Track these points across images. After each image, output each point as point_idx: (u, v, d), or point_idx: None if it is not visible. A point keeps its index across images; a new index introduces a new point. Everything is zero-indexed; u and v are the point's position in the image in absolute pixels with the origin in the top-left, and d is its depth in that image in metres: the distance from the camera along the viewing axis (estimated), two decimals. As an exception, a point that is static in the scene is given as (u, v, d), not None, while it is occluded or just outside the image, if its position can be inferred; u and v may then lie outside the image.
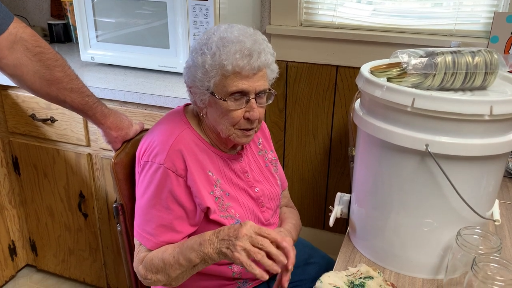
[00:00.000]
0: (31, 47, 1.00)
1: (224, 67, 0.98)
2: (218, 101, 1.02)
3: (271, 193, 1.21)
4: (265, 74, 1.04)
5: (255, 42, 1.00)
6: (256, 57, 0.99)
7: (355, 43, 1.81)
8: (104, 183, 1.77)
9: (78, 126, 1.71)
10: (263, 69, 1.03)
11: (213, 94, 1.02)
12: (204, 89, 1.03)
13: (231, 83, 1.00)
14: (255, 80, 1.01)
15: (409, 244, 0.99)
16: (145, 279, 1.05)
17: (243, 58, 0.98)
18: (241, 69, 0.98)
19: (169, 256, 1.00)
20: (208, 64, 1.00)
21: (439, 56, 0.92)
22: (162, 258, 1.01)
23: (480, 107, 0.84)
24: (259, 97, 1.04)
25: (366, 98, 1.00)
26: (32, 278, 2.12)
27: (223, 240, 0.94)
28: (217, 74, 1.00)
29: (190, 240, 1.00)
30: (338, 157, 2.01)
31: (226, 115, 1.03)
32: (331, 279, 0.94)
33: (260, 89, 1.03)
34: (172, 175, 1.03)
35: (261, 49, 1.00)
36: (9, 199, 1.95)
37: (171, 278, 1.01)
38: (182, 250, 0.99)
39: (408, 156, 0.91)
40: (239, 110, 1.02)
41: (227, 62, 0.98)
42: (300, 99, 1.98)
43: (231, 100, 1.01)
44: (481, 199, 0.95)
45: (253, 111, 1.02)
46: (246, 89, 1.01)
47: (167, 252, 1.01)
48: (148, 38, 1.74)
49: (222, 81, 1.00)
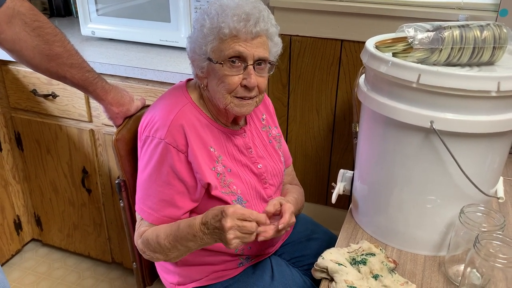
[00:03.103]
0: (29, 21, 0.98)
1: (222, 30, 0.98)
2: (215, 66, 1.01)
3: (274, 170, 1.20)
4: (265, 43, 1.02)
5: (254, 7, 1.00)
6: (254, 22, 0.98)
7: (360, 17, 1.77)
8: (107, 159, 1.77)
9: (80, 101, 1.70)
10: (263, 36, 1.01)
11: (210, 60, 1.01)
12: (202, 55, 1.02)
13: (228, 46, 0.99)
14: (253, 46, 1.00)
15: (411, 221, 0.99)
16: (144, 254, 1.08)
17: (240, 21, 0.97)
18: (238, 32, 0.98)
19: (164, 241, 1.01)
20: (207, 28, 1.00)
21: (446, 31, 0.90)
22: (158, 242, 1.02)
23: (487, 83, 0.83)
24: (258, 66, 1.02)
25: (371, 74, 0.98)
26: (38, 252, 2.15)
27: (214, 232, 0.95)
28: (215, 39, 1.00)
29: (182, 230, 1.00)
30: (341, 133, 2.00)
31: (223, 81, 1.01)
32: (333, 255, 0.94)
33: (259, 56, 1.01)
34: (173, 150, 1.02)
35: (259, 15, 0.99)
36: (13, 175, 1.96)
37: (170, 257, 1.04)
38: (177, 239, 1.00)
39: (412, 133, 0.90)
40: (236, 77, 1.01)
41: (224, 25, 0.97)
42: (303, 74, 1.95)
43: (228, 64, 1.00)
44: (485, 177, 0.94)
45: (250, 78, 1.00)
46: (243, 52, 0.99)
47: (161, 237, 1.02)
48: (149, 11, 1.71)
49: (219, 45, 1.00)
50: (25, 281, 1.99)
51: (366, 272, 0.91)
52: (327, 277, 0.93)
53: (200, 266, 1.15)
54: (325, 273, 0.93)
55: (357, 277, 0.90)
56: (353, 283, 0.88)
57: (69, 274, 2.03)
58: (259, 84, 1.03)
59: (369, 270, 0.92)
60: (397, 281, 0.91)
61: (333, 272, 0.90)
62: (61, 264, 2.09)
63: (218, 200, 1.07)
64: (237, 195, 1.09)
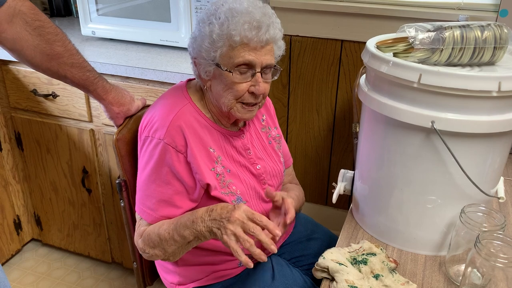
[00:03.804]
0: (30, 20, 0.98)
1: (232, 37, 0.97)
2: (223, 72, 1.00)
3: (274, 170, 1.20)
4: (272, 49, 1.03)
5: (265, 14, 0.99)
6: (265, 30, 0.97)
7: (360, 17, 1.77)
8: (107, 158, 1.77)
9: (80, 101, 1.70)
10: (271, 43, 1.01)
11: (218, 66, 1.01)
12: (210, 60, 1.01)
13: (238, 54, 0.98)
14: (262, 54, 1.00)
15: (412, 221, 0.99)
16: (144, 253, 1.07)
17: (252, 30, 0.96)
18: (249, 41, 0.97)
19: (165, 231, 1.01)
20: (216, 34, 0.98)
21: (447, 31, 0.90)
22: (158, 233, 1.02)
23: (488, 83, 0.83)
24: (264, 72, 1.03)
25: (372, 74, 0.98)
26: (37, 252, 2.15)
27: (215, 220, 0.93)
28: (224, 45, 0.99)
29: (184, 216, 1.01)
30: (341, 134, 2.00)
31: (231, 88, 1.01)
32: (334, 255, 0.94)
33: (266, 63, 1.01)
34: (172, 150, 1.02)
35: (270, 22, 0.99)
36: (13, 175, 1.96)
37: (168, 253, 1.03)
38: (176, 227, 1.00)
39: (413, 133, 0.90)
40: (244, 84, 1.01)
41: (235, 33, 0.96)
42: (304, 74, 1.95)
43: (237, 72, 1.00)
44: (486, 177, 0.94)
45: (259, 85, 1.01)
46: (253, 61, 0.99)
47: (163, 228, 1.02)
48: (150, 11, 1.71)
49: (228, 52, 0.99)
50: (24, 281, 1.99)
51: (367, 272, 0.92)
52: (328, 277, 0.93)
53: (201, 266, 1.15)
54: (326, 273, 0.93)
55: (358, 276, 0.90)
56: (354, 283, 0.88)
57: (69, 274, 2.03)
58: (264, 90, 1.03)
59: (370, 270, 0.92)
60: (398, 281, 0.91)
61: (334, 272, 0.90)
62: (61, 264, 2.09)
63: (217, 201, 1.06)
64: (236, 195, 1.09)
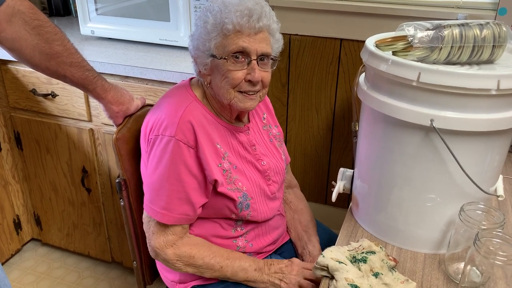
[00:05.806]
0: (29, 20, 0.98)
1: (225, 25, 0.99)
2: (219, 62, 1.01)
3: (277, 167, 1.21)
4: (267, 38, 1.04)
5: (256, 3, 1.01)
6: (256, 17, 0.99)
7: (359, 16, 1.77)
8: (106, 158, 1.77)
9: (79, 101, 1.70)
10: (265, 31, 1.03)
11: (214, 56, 1.02)
12: (206, 51, 1.03)
13: (232, 42, 1.00)
14: (256, 41, 1.01)
15: (411, 219, 0.99)
16: (172, 265, 1.08)
17: (243, 17, 0.98)
18: (241, 27, 0.99)
19: (217, 264, 1.08)
20: (210, 24, 1.01)
21: (446, 29, 0.90)
22: (207, 262, 1.08)
23: (487, 82, 0.83)
24: (261, 61, 1.03)
25: (371, 72, 0.99)
26: (37, 252, 2.15)
27: (276, 273, 1.09)
28: (218, 35, 1.01)
29: (243, 259, 1.09)
30: (341, 132, 2.00)
31: (227, 76, 1.02)
32: (333, 253, 0.94)
33: (262, 51, 1.02)
34: (184, 146, 1.02)
35: (262, 11, 1.01)
36: (12, 174, 1.95)
37: (201, 273, 1.09)
38: (233, 265, 1.09)
39: (412, 131, 0.90)
40: (240, 71, 1.02)
41: (228, 21, 0.98)
42: (303, 73, 1.95)
43: (231, 59, 1.01)
44: (485, 175, 0.94)
45: (254, 72, 1.01)
46: (247, 48, 1.00)
47: (215, 260, 1.08)
48: (149, 10, 1.71)
49: (223, 41, 1.01)
50: (24, 281, 1.99)
51: (366, 270, 0.92)
52: (327, 275, 0.93)
53: (201, 264, 1.16)
54: (326, 271, 0.93)
55: (358, 275, 0.90)
56: (354, 281, 0.88)
57: (68, 273, 2.03)
58: (263, 78, 1.04)
59: (370, 268, 0.92)
60: (397, 279, 0.91)
61: (334, 270, 0.90)
62: (61, 263, 2.09)
63: (224, 197, 1.07)
64: (242, 191, 1.10)
